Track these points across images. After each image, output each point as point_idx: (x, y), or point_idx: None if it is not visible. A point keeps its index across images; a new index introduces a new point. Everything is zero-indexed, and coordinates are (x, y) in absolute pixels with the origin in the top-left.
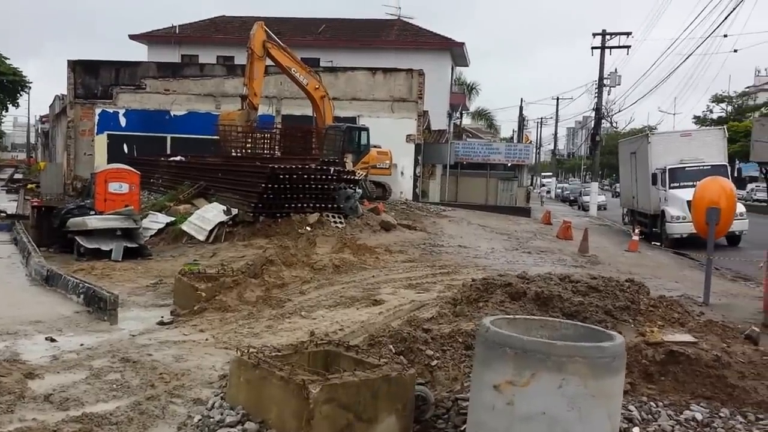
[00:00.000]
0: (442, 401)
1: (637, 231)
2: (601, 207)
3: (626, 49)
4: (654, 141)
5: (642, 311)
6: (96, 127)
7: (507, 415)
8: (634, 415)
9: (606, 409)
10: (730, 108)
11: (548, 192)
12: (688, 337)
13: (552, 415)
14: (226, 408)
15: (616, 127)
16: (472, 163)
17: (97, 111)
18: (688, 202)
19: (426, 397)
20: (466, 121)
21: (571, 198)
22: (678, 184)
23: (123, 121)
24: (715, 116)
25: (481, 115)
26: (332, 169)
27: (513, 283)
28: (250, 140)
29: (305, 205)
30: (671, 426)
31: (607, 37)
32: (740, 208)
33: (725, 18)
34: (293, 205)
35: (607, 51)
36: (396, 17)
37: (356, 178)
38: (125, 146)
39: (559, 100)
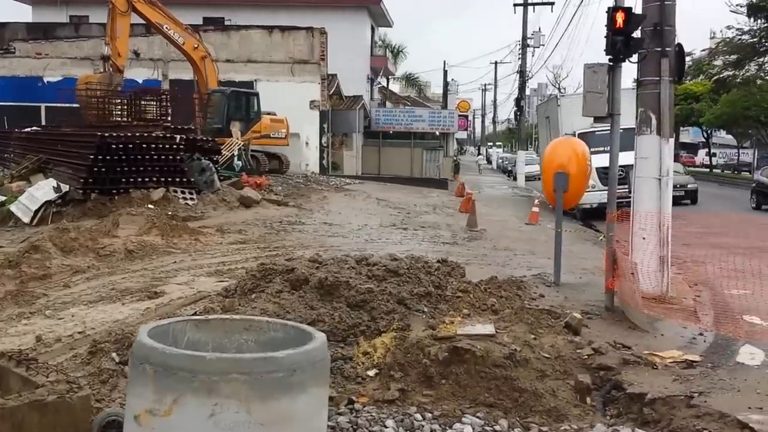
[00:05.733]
0: None
1: (536, 202)
2: (534, 177)
3: (550, 6)
4: (564, 104)
5: (448, 298)
6: None
7: None
8: None
9: None
10: None
11: (488, 162)
12: (488, 329)
13: None
14: None
15: (563, 93)
16: (398, 133)
17: None
18: (597, 169)
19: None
20: (411, 91)
21: (509, 168)
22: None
23: None
24: None
25: (408, 80)
26: (179, 137)
27: (297, 268)
28: (119, 107)
29: (148, 179)
30: None
31: None
32: None
33: None
34: (133, 180)
35: (530, 9)
36: None
37: (215, 147)
38: None
39: (497, 65)
